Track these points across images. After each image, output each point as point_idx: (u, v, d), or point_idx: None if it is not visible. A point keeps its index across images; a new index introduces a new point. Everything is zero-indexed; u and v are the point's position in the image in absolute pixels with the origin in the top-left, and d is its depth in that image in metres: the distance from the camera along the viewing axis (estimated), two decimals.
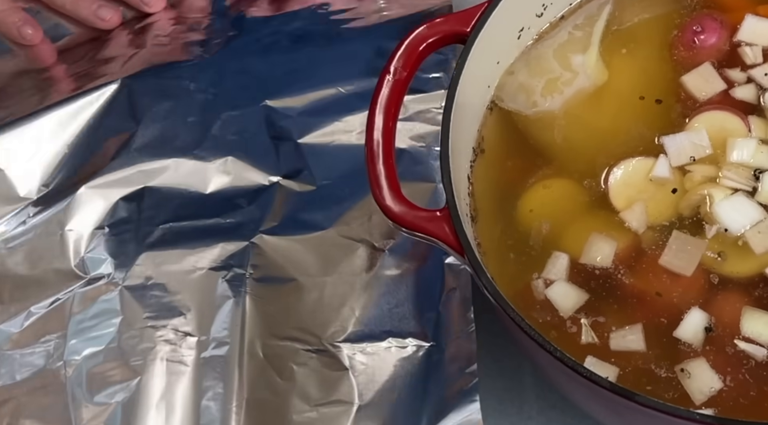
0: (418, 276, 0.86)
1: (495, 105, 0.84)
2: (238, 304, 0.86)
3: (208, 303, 0.86)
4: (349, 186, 0.90)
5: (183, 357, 0.84)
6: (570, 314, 0.76)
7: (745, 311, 0.75)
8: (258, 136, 0.92)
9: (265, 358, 0.84)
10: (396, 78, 0.78)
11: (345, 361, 0.83)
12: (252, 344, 0.84)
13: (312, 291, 0.86)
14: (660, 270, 0.77)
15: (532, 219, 0.80)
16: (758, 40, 0.83)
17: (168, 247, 0.88)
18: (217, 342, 0.85)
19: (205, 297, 0.86)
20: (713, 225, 0.77)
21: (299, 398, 0.82)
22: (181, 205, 0.90)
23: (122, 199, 0.91)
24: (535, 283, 0.77)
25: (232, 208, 0.90)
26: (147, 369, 0.84)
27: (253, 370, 0.83)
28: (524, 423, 0.85)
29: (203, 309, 0.86)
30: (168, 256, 0.88)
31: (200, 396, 0.83)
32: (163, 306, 0.86)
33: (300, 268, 0.87)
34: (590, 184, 0.80)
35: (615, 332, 0.75)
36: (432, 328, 0.84)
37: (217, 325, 0.85)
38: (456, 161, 0.77)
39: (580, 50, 0.85)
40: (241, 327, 0.84)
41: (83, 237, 0.89)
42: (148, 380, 0.83)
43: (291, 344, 0.84)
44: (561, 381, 0.75)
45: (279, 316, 0.85)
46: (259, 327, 0.85)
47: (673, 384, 0.74)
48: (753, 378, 0.73)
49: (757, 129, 0.80)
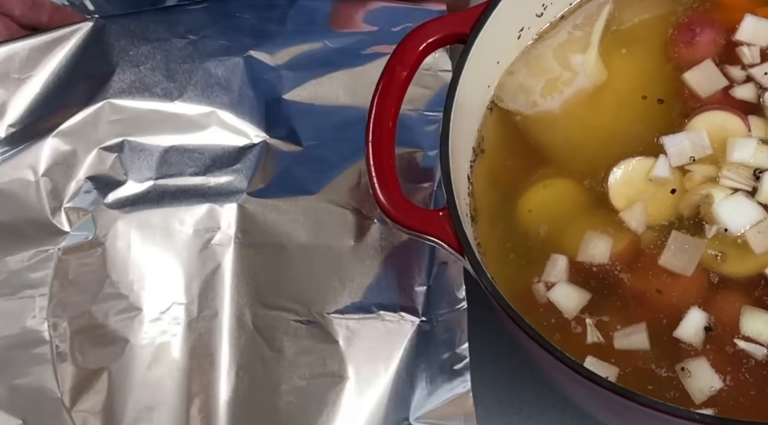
0: (408, 248, 0.84)
1: (495, 105, 0.84)
2: (226, 269, 0.84)
3: (195, 267, 0.84)
4: (336, 149, 0.88)
5: (171, 324, 0.82)
6: (574, 314, 0.76)
7: (744, 310, 0.75)
8: (243, 89, 0.89)
9: (255, 328, 0.82)
10: (396, 77, 0.78)
11: (335, 333, 0.82)
12: (241, 312, 0.83)
13: (301, 260, 0.84)
14: (660, 269, 0.77)
15: (531, 219, 0.80)
16: (757, 40, 0.83)
17: (153, 206, 0.86)
18: (206, 308, 0.83)
19: (192, 261, 0.84)
20: (713, 225, 0.77)
21: (289, 369, 0.81)
22: (163, 160, 0.87)
23: (102, 149, 0.87)
24: (536, 287, 0.77)
25: (218, 166, 0.87)
26: (134, 333, 0.82)
27: (242, 340, 0.82)
28: (524, 423, 0.85)
29: (191, 273, 0.84)
30: (152, 215, 0.85)
31: (189, 364, 0.81)
32: (149, 267, 0.84)
33: (289, 235, 0.85)
34: (590, 184, 0.80)
35: (619, 331, 0.75)
36: (423, 303, 0.83)
37: (204, 291, 0.83)
38: (456, 161, 0.77)
39: (580, 50, 0.85)
40: (231, 294, 0.83)
41: (62, 189, 0.86)
42: (136, 345, 0.82)
43: (280, 313, 0.82)
44: (561, 381, 0.75)
45: (268, 284, 0.83)
46: (248, 296, 0.83)
47: (674, 384, 0.74)
48: (753, 378, 0.73)
49: (757, 129, 0.80)
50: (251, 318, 0.83)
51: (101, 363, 0.82)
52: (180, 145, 0.88)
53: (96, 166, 0.87)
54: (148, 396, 0.81)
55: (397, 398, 0.80)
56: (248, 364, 0.81)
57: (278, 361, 0.81)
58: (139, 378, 0.81)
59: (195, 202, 0.86)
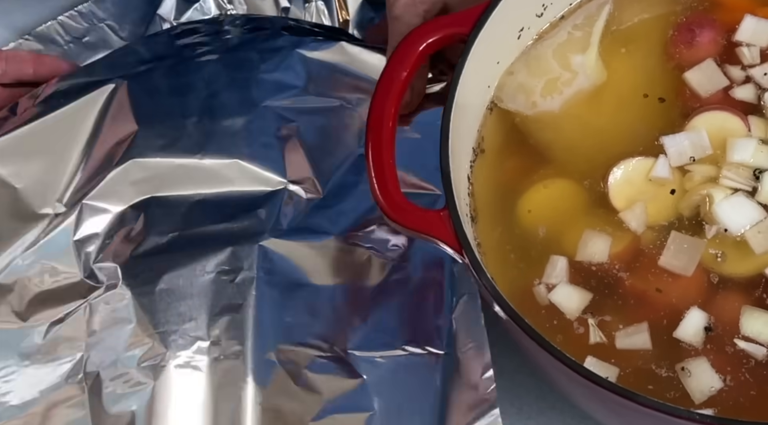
0: (428, 284, 0.85)
1: (495, 105, 0.84)
2: (249, 307, 0.84)
3: (218, 307, 0.85)
4: (354, 195, 0.89)
5: (196, 362, 0.83)
6: (576, 315, 0.76)
7: (744, 310, 0.75)
8: (263, 137, 0.91)
9: (280, 364, 0.83)
10: (396, 77, 0.78)
11: (360, 369, 0.82)
12: (265, 349, 0.83)
13: (323, 297, 0.85)
14: (660, 270, 0.77)
15: (532, 219, 0.80)
16: (757, 40, 0.83)
17: (176, 253, 0.87)
18: (230, 346, 0.84)
19: (215, 301, 0.85)
20: (713, 225, 0.77)
21: (315, 404, 0.81)
22: (188, 212, 0.89)
23: (130, 208, 0.90)
24: (537, 289, 0.77)
25: (241, 212, 0.89)
26: (160, 375, 0.83)
27: (267, 375, 0.82)
28: (524, 423, 0.85)
29: (214, 313, 0.85)
30: (177, 261, 0.87)
31: (216, 402, 0.82)
32: (173, 311, 0.85)
33: (311, 273, 0.86)
34: (590, 184, 0.80)
35: (620, 331, 0.75)
36: (445, 336, 0.83)
37: (227, 329, 0.84)
38: (456, 161, 0.77)
39: (580, 50, 0.85)
40: (254, 332, 0.83)
41: (92, 248, 0.88)
42: (162, 386, 0.83)
43: (304, 350, 0.83)
44: (561, 381, 0.75)
45: (291, 321, 0.84)
46: (271, 332, 0.84)
47: (674, 384, 0.74)
48: (753, 378, 0.73)
49: (757, 129, 0.80)
50: (275, 353, 0.83)
51: (130, 406, 0.83)
52: (204, 197, 0.90)
53: (123, 223, 0.89)
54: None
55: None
56: (274, 400, 0.82)
57: (304, 396, 0.82)
58: (165, 418, 0.82)
59: (218, 247, 0.87)
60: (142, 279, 0.87)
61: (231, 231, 0.88)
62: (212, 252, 0.86)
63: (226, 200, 0.89)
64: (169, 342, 0.84)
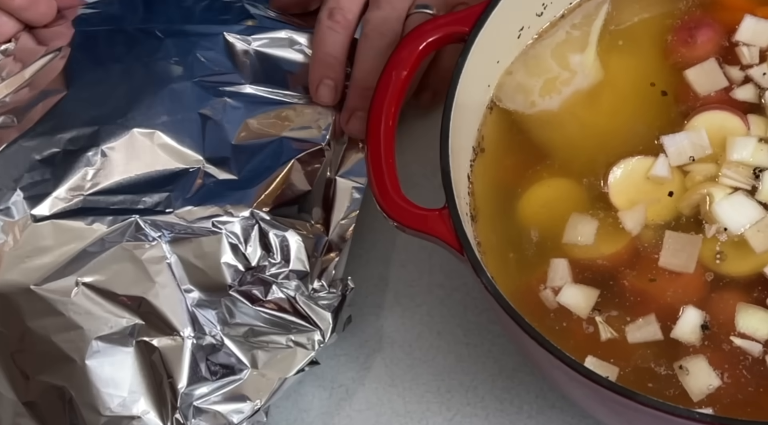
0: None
1: (495, 104, 0.84)
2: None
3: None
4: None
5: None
6: (587, 313, 0.76)
7: (739, 307, 0.75)
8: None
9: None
10: (396, 77, 0.79)
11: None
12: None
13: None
14: (661, 268, 0.77)
15: (532, 218, 0.80)
16: (757, 40, 0.83)
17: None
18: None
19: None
20: (713, 224, 0.77)
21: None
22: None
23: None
24: (544, 294, 0.77)
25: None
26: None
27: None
28: (524, 422, 0.85)
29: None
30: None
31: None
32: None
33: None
34: (590, 183, 0.81)
35: (630, 325, 0.75)
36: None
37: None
38: (456, 160, 0.77)
39: (578, 50, 0.85)
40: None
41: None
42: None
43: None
44: (561, 380, 0.75)
45: None
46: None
47: (673, 382, 0.74)
48: (750, 374, 0.74)
49: (757, 127, 0.80)
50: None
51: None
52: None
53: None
54: None
55: None
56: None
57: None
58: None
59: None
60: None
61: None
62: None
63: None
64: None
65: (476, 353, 0.88)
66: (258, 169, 0.87)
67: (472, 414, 0.86)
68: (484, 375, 0.87)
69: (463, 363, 0.87)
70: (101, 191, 0.85)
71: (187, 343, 0.81)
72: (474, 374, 0.87)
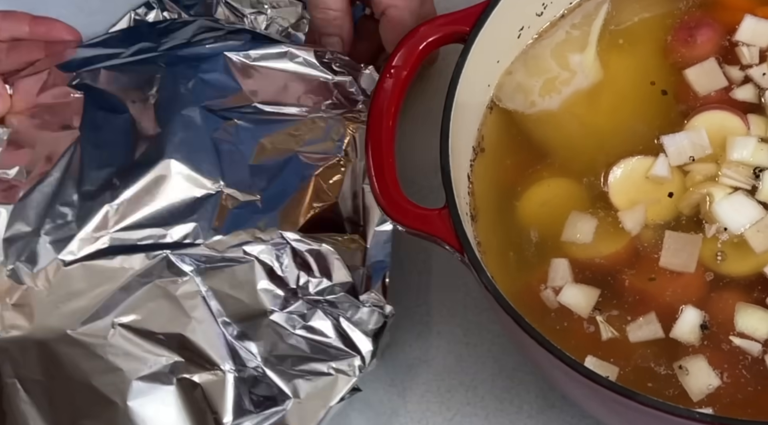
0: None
1: (495, 104, 0.84)
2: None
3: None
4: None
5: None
6: (588, 313, 0.76)
7: (739, 307, 0.75)
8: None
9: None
10: (396, 77, 0.79)
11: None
12: None
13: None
14: (661, 268, 0.77)
15: (532, 217, 0.80)
16: (756, 40, 0.84)
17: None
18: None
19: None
20: (713, 224, 0.77)
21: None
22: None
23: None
24: (545, 294, 0.78)
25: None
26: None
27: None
28: (524, 422, 0.85)
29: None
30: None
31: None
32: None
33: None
34: (590, 183, 0.81)
35: (632, 324, 0.76)
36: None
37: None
38: (456, 160, 0.77)
39: (578, 49, 0.85)
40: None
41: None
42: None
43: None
44: (561, 380, 0.75)
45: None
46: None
47: (673, 382, 0.74)
48: (750, 374, 0.74)
49: (757, 127, 0.80)
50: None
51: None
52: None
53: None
54: None
55: None
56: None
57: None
58: None
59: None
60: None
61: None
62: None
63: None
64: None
65: (476, 353, 0.88)
66: (279, 189, 0.86)
67: (472, 414, 0.86)
68: (484, 375, 0.87)
69: (463, 363, 0.87)
70: (126, 227, 0.84)
71: (228, 377, 0.80)
72: (474, 374, 0.87)
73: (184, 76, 0.90)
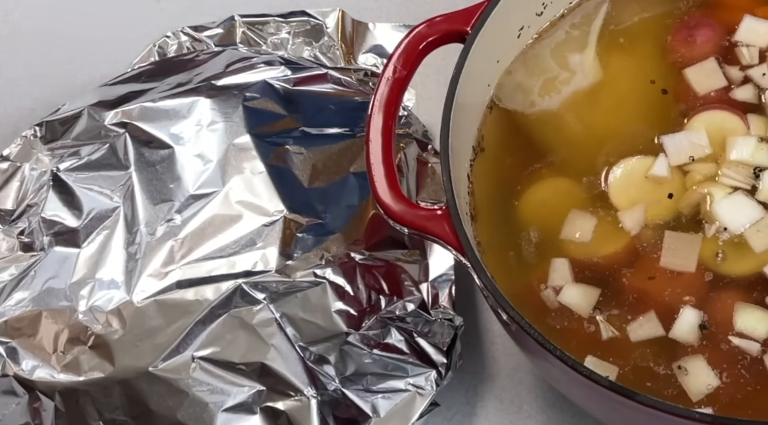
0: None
1: (495, 104, 0.84)
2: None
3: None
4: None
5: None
6: (588, 312, 0.76)
7: (738, 307, 0.75)
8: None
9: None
10: (396, 77, 0.78)
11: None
12: None
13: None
14: (661, 268, 0.77)
15: (532, 217, 0.80)
16: (756, 40, 0.84)
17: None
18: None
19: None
20: (713, 224, 0.77)
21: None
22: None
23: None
24: (545, 294, 0.78)
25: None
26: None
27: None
28: (524, 422, 0.85)
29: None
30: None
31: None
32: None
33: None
34: (590, 183, 0.81)
35: (632, 323, 0.76)
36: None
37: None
38: (456, 160, 0.77)
39: (578, 49, 0.85)
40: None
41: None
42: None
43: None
44: (561, 380, 0.75)
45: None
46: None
47: (672, 381, 0.74)
48: (749, 374, 0.74)
49: (757, 127, 0.80)
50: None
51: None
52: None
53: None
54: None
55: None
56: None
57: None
58: None
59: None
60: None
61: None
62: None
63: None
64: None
65: (476, 353, 0.88)
66: (340, 210, 0.87)
67: (472, 414, 0.86)
68: (484, 375, 0.87)
69: (463, 364, 0.87)
70: (193, 260, 0.85)
71: (312, 402, 0.81)
72: (474, 374, 0.87)
73: (228, 105, 0.91)
